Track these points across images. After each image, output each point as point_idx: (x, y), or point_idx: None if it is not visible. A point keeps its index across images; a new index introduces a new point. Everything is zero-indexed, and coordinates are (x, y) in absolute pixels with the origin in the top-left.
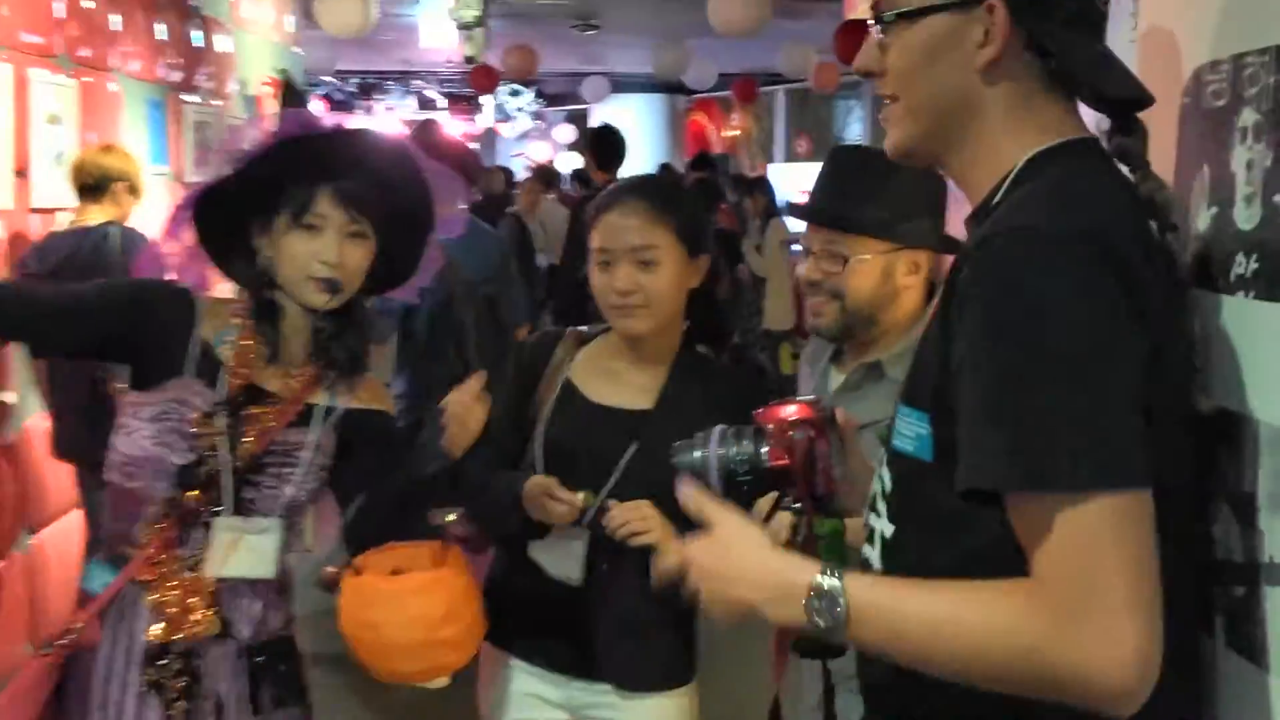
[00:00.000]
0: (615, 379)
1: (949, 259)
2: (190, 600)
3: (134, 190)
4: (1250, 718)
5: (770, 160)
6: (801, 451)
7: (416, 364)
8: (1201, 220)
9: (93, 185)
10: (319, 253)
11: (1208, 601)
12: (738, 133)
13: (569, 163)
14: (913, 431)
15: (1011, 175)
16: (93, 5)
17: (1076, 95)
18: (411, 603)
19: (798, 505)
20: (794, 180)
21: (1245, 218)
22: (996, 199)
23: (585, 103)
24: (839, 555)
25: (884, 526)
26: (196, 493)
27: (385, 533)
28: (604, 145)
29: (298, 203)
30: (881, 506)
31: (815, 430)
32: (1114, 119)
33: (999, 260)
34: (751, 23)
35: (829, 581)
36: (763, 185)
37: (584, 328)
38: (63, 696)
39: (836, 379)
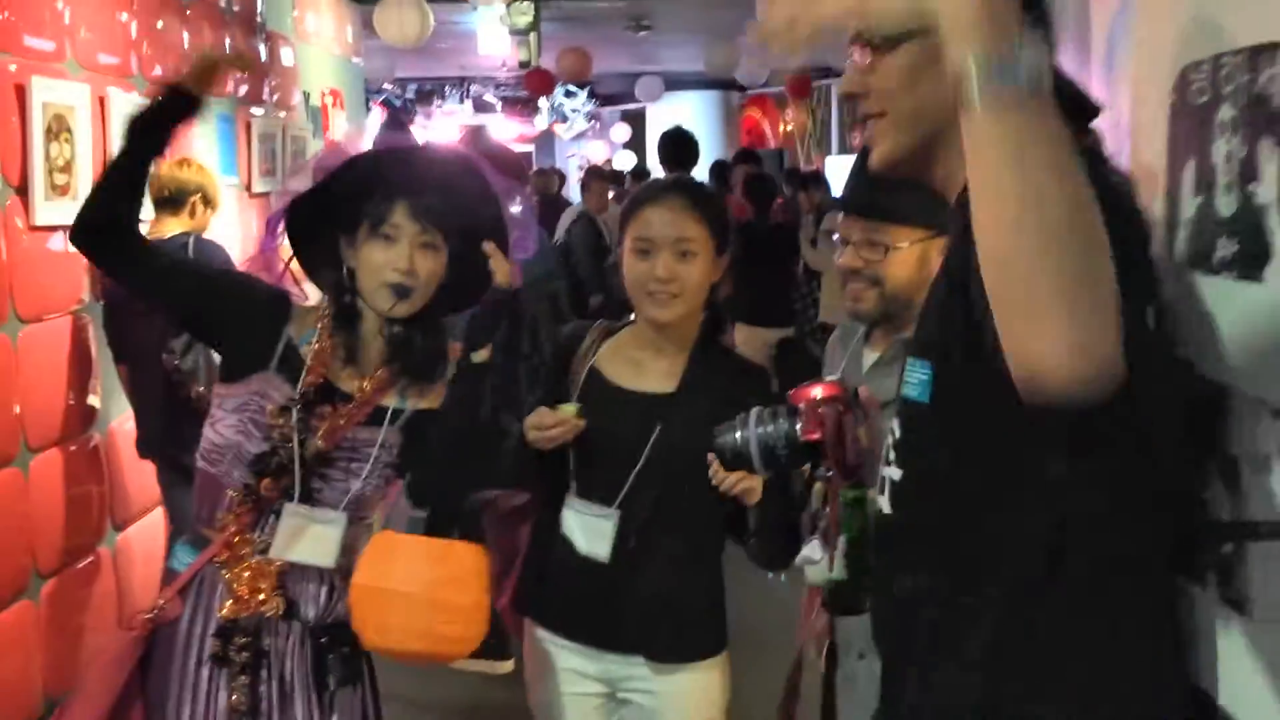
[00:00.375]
0: (638, 366)
1: None
2: (259, 582)
3: (209, 202)
4: (1238, 661)
5: (827, 154)
6: (832, 425)
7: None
8: (1189, 207)
9: (169, 198)
10: (393, 261)
11: (1201, 558)
12: (792, 128)
13: (625, 161)
14: (916, 378)
15: None
16: (164, 25)
17: None
18: (422, 557)
19: (830, 474)
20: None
21: (1225, 205)
22: None
23: (640, 102)
24: (862, 522)
25: (893, 473)
26: (269, 480)
27: (447, 492)
28: (678, 147)
29: (376, 214)
30: (891, 455)
31: (842, 406)
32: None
33: None
34: None
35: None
36: (818, 180)
37: (609, 322)
38: (147, 667)
39: (870, 357)
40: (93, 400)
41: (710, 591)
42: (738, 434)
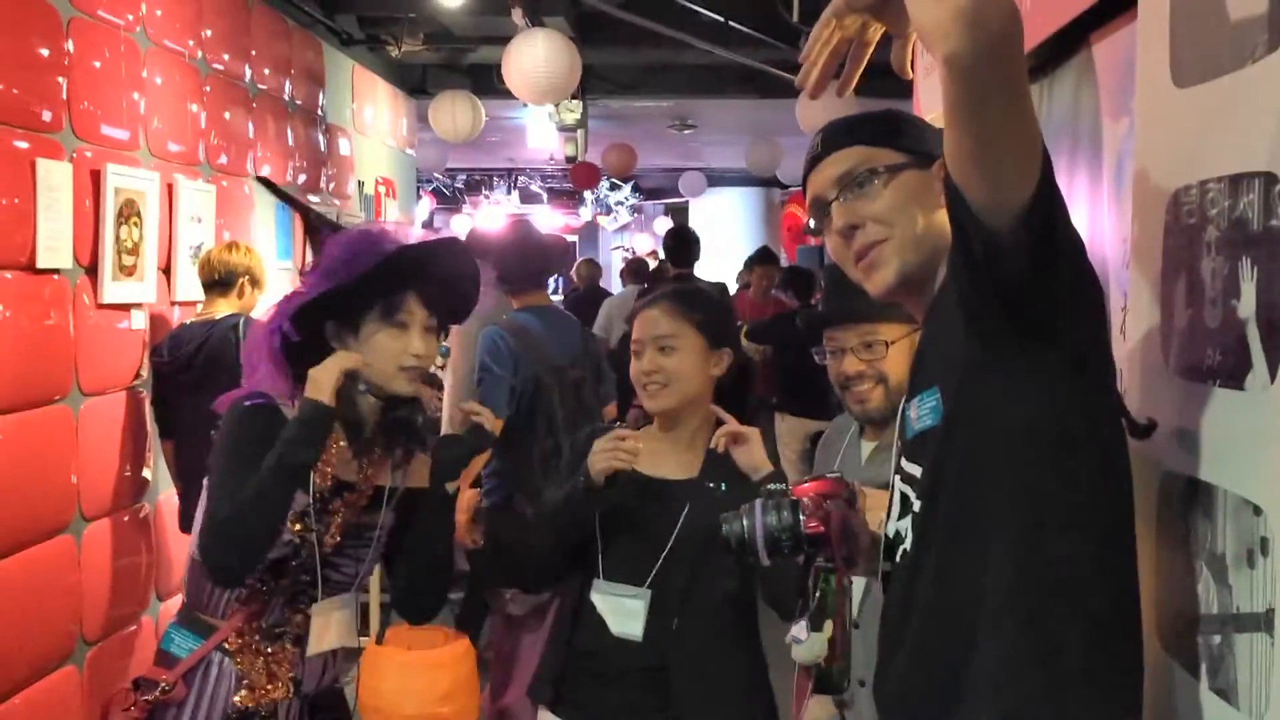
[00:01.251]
0: (661, 456)
1: None
2: (274, 668)
3: (256, 283)
4: None
5: None
6: (836, 521)
7: (509, 442)
8: (1181, 319)
9: (219, 280)
10: (410, 346)
11: (1195, 649)
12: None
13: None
14: (928, 407)
15: None
16: (230, 116)
17: None
18: (417, 676)
19: (830, 564)
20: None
21: (1211, 318)
22: None
23: (683, 196)
24: (837, 604)
25: (904, 525)
26: (286, 580)
27: (431, 605)
28: (679, 244)
29: (389, 303)
30: (912, 497)
31: (847, 501)
32: None
33: None
34: None
35: None
36: None
37: (625, 422)
38: None
39: (867, 448)
40: (145, 472)
41: (752, 670)
42: (744, 522)
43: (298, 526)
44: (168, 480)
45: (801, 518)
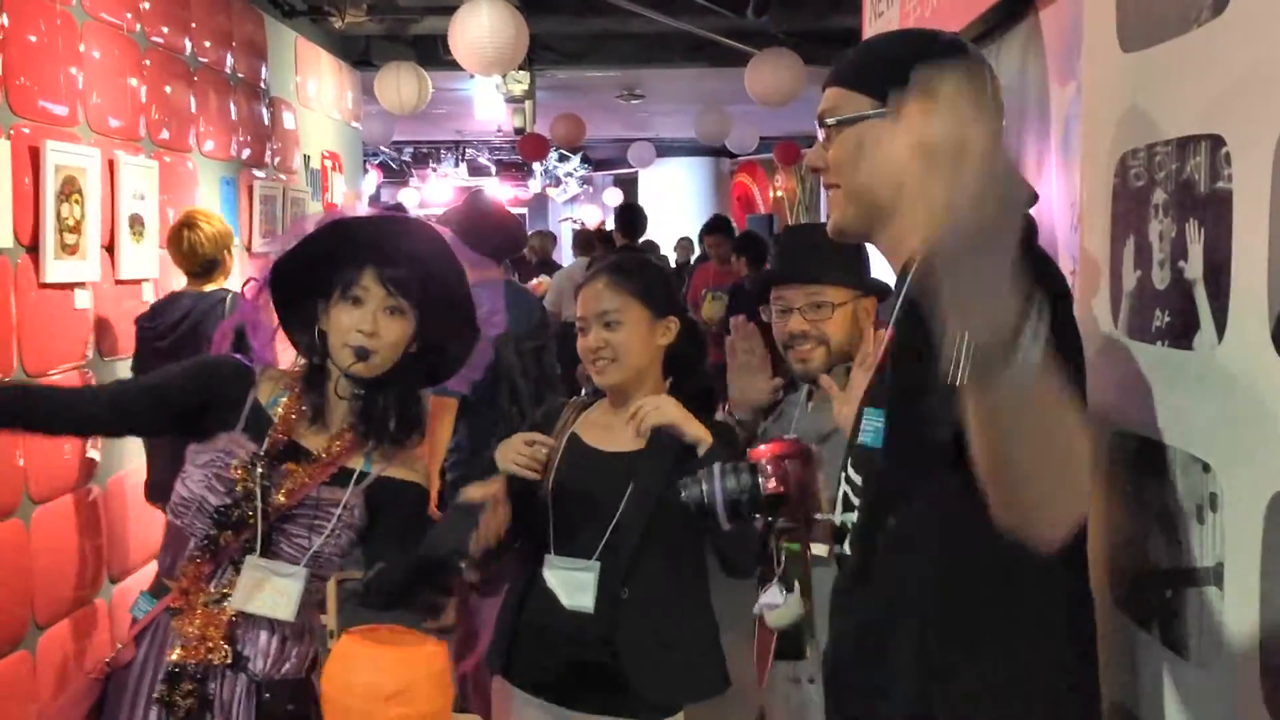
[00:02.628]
0: (610, 430)
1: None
2: (209, 629)
3: (231, 253)
4: (1180, 702)
5: (816, 219)
6: (795, 480)
7: (472, 417)
8: (1129, 281)
9: (215, 261)
10: (358, 322)
11: (1147, 604)
12: (782, 193)
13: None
14: (872, 426)
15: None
16: (171, 90)
17: None
18: (364, 669)
19: (791, 526)
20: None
21: (1160, 280)
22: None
23: (632, 167)
24: (801, 570)
25: (851, 517)
26: (230, 533)
27: (398, 598)
28: (629, 218)
29: (346, 278)
30: (853, 500)
31: (803, 461)
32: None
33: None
34: (785, 93)
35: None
36: None
37: (584, 397)
38: (103, 709)
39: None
40: (92, 453)
41: (703, 635)
42: (703, 487)
43: (240, 473)
44: (118, 462)
45: (760, 480)
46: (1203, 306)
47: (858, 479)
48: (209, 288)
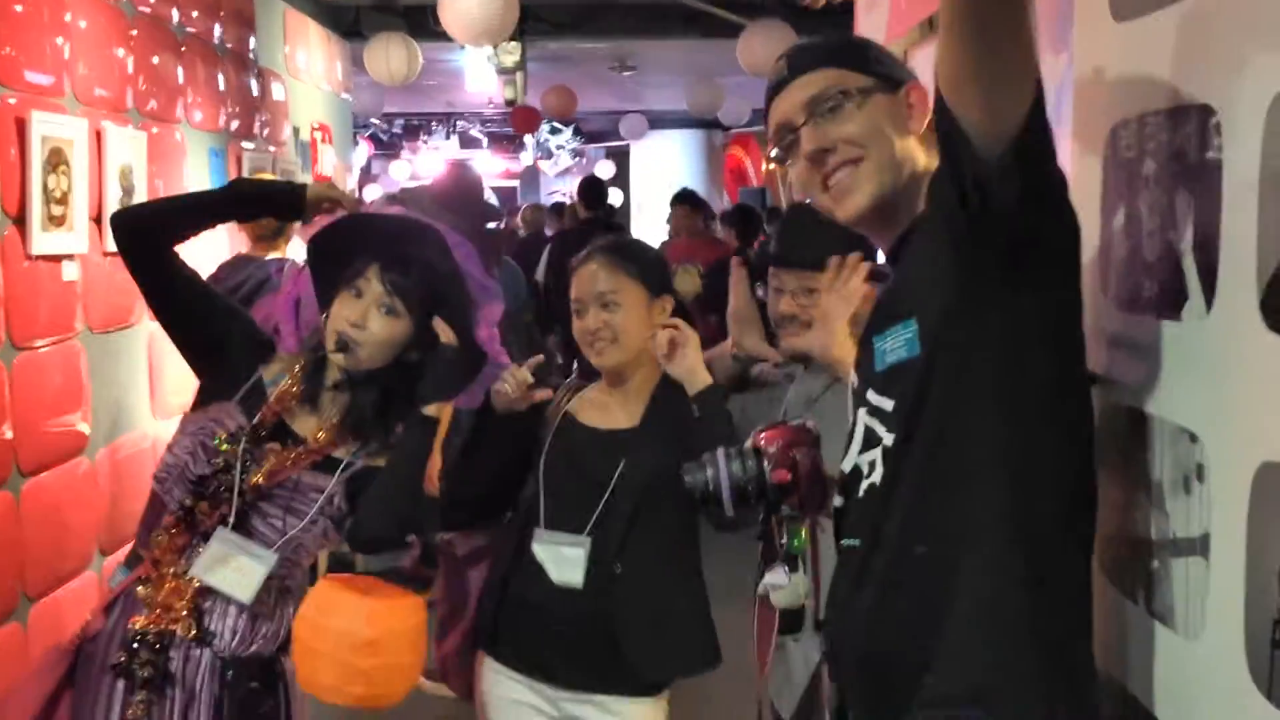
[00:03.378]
0: (605, 409)
1: None
2: (174, 599)
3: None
4: (1166, 670)
5: None
6: (805, 469)
7: None
8: (1119, 252)
9: (274, 227)
10: (349, 314)
11: (1133, 574)
12: (774, 167)
13: (614, 198)
14: (902, 340)
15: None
16: (159, 61)
17: None
18: (339, 615)
19: (795, 513)
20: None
21: (1149, 250)
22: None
23: (624, 139)
24: (801, 543)
25: (869, 459)
26: (206, 504)
27: (382, 540)
28: (591, 191)
29: (352, 270)
30: (875, 442)
31: (810, 447)
32: None
33: None
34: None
35: None
36: None
37: (576, 380)
38: (72, 679)
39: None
40: (83, 426)
41: (695, 609)
42: (708, 473)
43: (225, 447)
44: (107, 434)
45: (767, 467)
46: (1191, 277)
47: (885, 403)
48: (271, 255)
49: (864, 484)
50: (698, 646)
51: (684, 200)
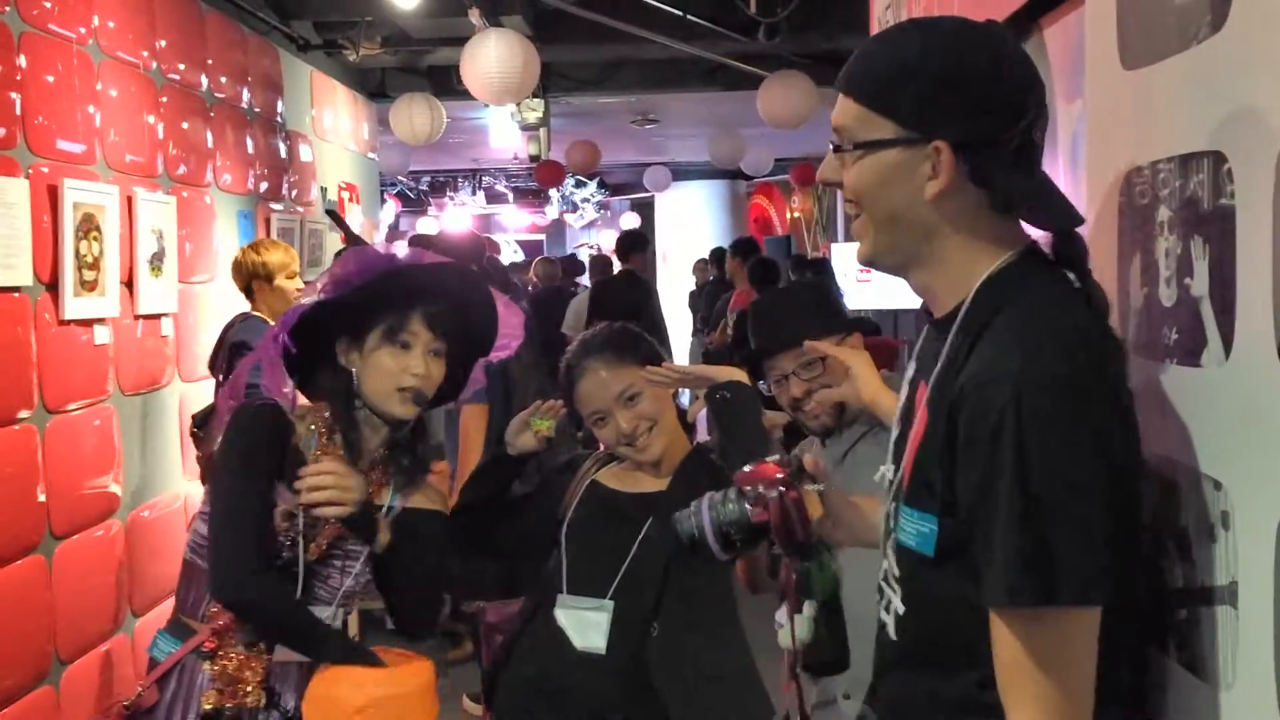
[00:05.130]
0: (634, 477)
1: None
2: (245, 673)
3: (264, 283)
4: None
5: (833, 240)
6: (776, 507)
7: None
8: (1137, 298)
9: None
10: (410, 366)
11: (1163, 625)
12: (799, 214)
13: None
14: (915, 530)
15: (971, 296)
16: (188, 126)
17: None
18: (343, 683)
19: (779, 554)
20: (855, 258)
21: (1166, 296)
22: (962, 313)
23: (649, 191)
24: (830, 584)
25: (898, 604)
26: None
27: (425, 623)
28: (632, 242)
29: (392, 323)
30: (895, 585)
31: (785, 486)
32: (1056, 237)
33: (1018, 410)
34: (798, 115)
35: None
36: (822, 265)
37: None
38: None
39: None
40: (115, 488)
41: (738, 664)
42: (692, 520)
43: (285, 525)
44: (138, 496)
45: (747, 507)
46: (1209, 323)
47: (897, 570)
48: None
49: (884, 617)
50: (750, 700)
51: (737, 252)
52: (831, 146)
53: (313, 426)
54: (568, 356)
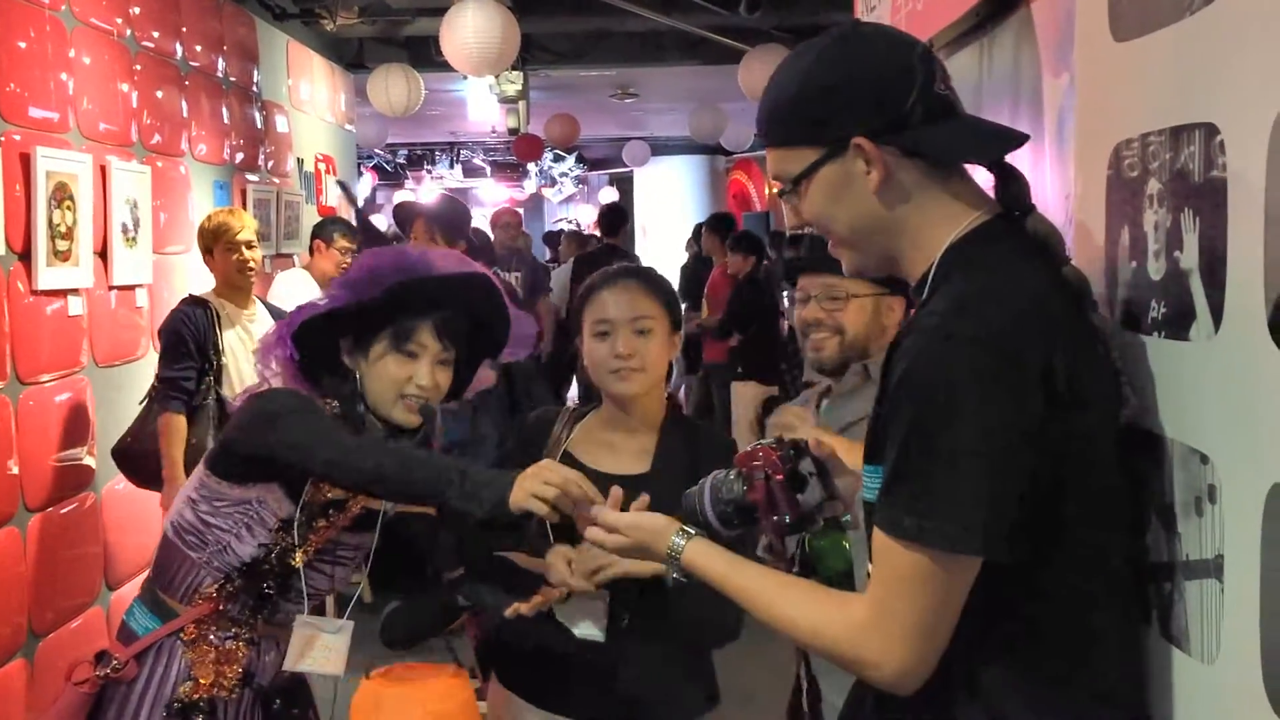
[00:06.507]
0: (612, 448)
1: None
2: (223, 667)
3: (218, 250)
4: (1180, 695)
5: None
6: (761, 491)
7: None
8: (1125, 272)
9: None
10: (416, 377)
11: (1146, 598)
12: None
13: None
14: (871, 486)
15: (935, 264)
16: (163, 95)
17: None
18: (389, 712)
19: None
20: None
21: (1154, 270)
22: (928, 282)
23: (627, 166)
24: (841, 559)
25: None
26: (253, 580)
27: (414, 635)
28: (614, 217)
29: (400, 331)
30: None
31: (771, 468)
32: (993, 172)
33: (930, 360)
34: None
35: (677, 541)
36: (801, 241)
37: (578, 406)
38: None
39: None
40: (89, 461)
41: (701, 655)
42: (695, 497)
43: (279, 533)
44: (112, 469)
45: (743, 489)
46: (1199, 297)
47: (864, 529)
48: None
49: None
50: (691, 692)
51: (715, 228)
52: (780, 196)
53: None
54: (598, 272)
